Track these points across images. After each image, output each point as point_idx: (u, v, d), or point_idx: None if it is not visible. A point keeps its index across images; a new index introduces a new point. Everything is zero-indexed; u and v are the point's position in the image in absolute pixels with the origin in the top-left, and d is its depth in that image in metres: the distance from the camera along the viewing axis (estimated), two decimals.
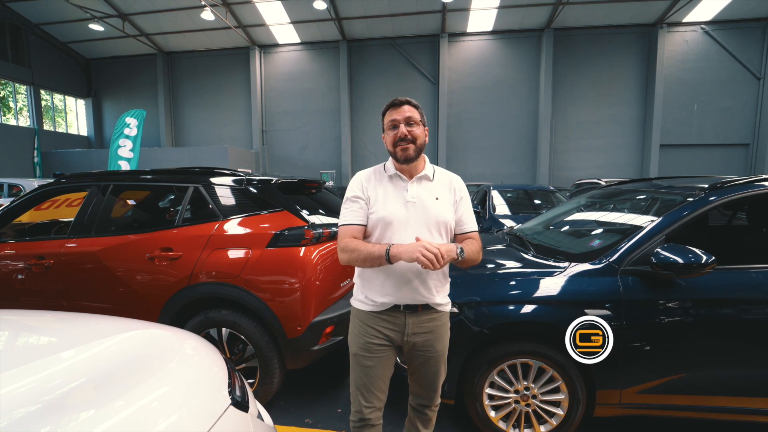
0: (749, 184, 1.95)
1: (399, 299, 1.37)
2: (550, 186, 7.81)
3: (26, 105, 16.11)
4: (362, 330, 1.43)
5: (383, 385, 1.45)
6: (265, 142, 17.28)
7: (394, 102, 1.38)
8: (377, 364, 1.42)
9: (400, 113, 1.36)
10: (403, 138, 1.35)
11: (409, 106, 1.37)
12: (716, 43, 14.45)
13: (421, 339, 1.42)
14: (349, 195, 1.43)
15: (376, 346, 1.41)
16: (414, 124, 1.37)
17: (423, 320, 1.41)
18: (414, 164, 1.40)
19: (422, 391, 1.53)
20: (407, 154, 1.36)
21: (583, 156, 15.52)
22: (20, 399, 0.83)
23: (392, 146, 1.38)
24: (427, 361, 1.46)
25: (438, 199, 1.40)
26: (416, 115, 1.37)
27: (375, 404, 1.44)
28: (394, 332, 1.40)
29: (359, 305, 1.45)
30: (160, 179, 2.64)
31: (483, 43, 15.64)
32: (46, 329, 1.34)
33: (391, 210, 1.36)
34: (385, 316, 1.40)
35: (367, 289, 1.42)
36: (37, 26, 15.70)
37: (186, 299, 2.28)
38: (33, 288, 2.51)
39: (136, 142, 8.94)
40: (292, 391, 2.59)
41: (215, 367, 1.21)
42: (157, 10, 14.63)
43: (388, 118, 1.39)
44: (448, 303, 1.49)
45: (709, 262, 1.67)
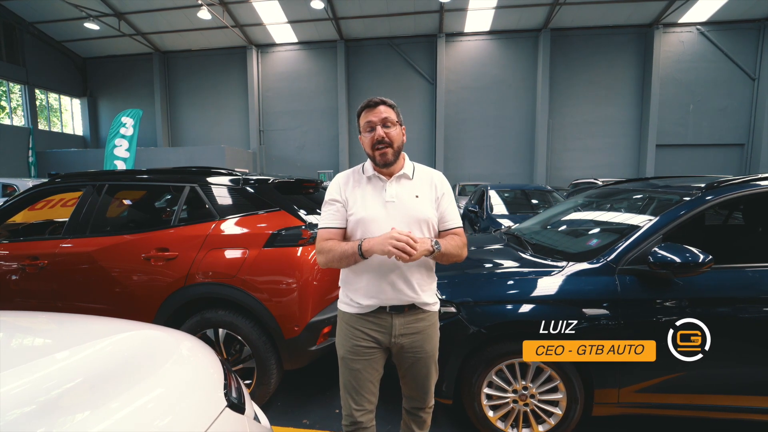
0: (745, 183, 1.96)
1: (383, 300, 1.35)
2: (547, 186, 7.83)
3: (21, 104, 15.98)
4: (349, 333, 1.41)
5: (373, 387, 1.43)
6: (262, 142, 17.23)
7: (369, 103, 1.35)
8: (365, 367, 1.40)
9: (376, 114, 1.33)
10: (380, 141, 1.32)
11: (384, 107, 1.34)
12: (712, 44, 14.56)
13: (409, 340, 1.39)
14: (326, 198, 1.42)
15: (363, 348, 1.39)
16: (391, 125, 1.33)
17: (410, 321, 1.39)
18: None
19: (414, 393, 1.51)
20: (386, 159, 1.33)
21: (579, 156, 15.59)
22: (15, 400, 0.82)
23: (371, 149, 1.35)
24: (416, 363, 1.43)
25: (418, 196, 1.37)
26: (393, 116, 1.34)
27: (365, 407, 1.42)
28: (381, 334, 1.38)
29: (345, 308, 1.43)
30: (156, 179, 2.62)
31: (480, 43, 15.67)
32: (40, 330, 1.33)
33: (369, 211, 1.34)
34: (371, 318, 1.38)
35: (351, 291, 1.40)
36: (32, 25, 15.59)
37: (182, 300, 2.26)
38: (27, 289, 2.49)
39: (133, 142, 8.89)
40: (290, 391, 2.57)
41: (211, 369, 1.19)
42: (154, 9, 14.55)
43: (364, 120, 1.35)
44: (435, 302, 1.45)
45: (707, 261, 1.68)
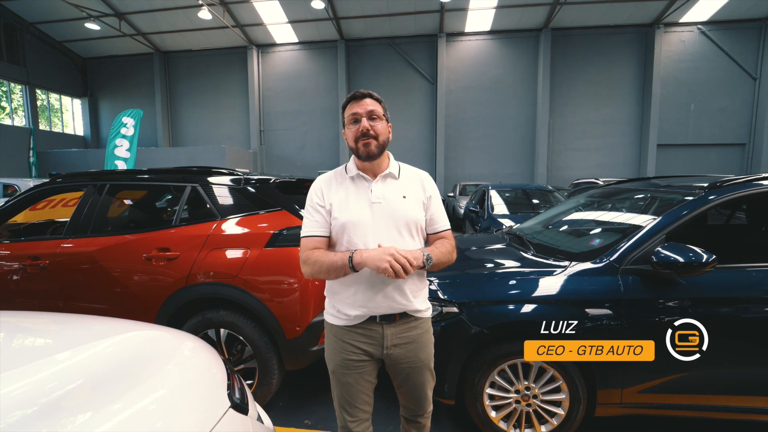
0: (748, 183, 1.95)
1: (373, 310, 1.27)
2: (548, 186, 7.82)
3: (21, 104, 15.98)
4: (338, 346, 1.33)
5: (367, 398, 1.37)
6: (262, 142, 17.22)
7: (356, 95, 1.29)
8: (357, 380, 1.33)
9: (362, 106, 1.27)
10: (365, 133, 1.25)
11: (371, 99, 1.29)
12: (713, 44, 14.52)
13: (403, 350, 1.32)
14: (308, 203, 1.34)
15: (354, 362, 1.31)
16: (377, 119, 1.28)
17: (402, 330, 1.31)
18: (377, 162, 1.31)
19: (412, 403, 1.45)
20: (369, 150, 1.26)
21: (580, 156, 15.56)
22: (16, 402, 0.82)
23: (354, 142, 1.28)
24: (411, 373, 1.36)
25: (405, 197, 1.31)
26: (379, 110, 1.29)
27: (360, 416, 1.36)
28: (372, 346, 1.30)
29: (332, 320, 1.35)
30: (157, 179, 2.61)
31: (481, 43, 15.65)
32: (41, 331, 1.32)
33: (354, 213, 1.27)
34: (360, 329, 1.30)
35: (337, 302, 1.32)
36: (33, 25, 15.59)
37: (183, 300, 2.25)
38: (28, 289, 2.49)
39: (133, 142, 8.89)
40: (291, 392, 2.57)
41: (214, 369, 1.19)
42: (154, 9, 14.55)
43: (349, 112, 1.29)
44: (428, 308, 1.39)
45: (710, 261, 1.67)
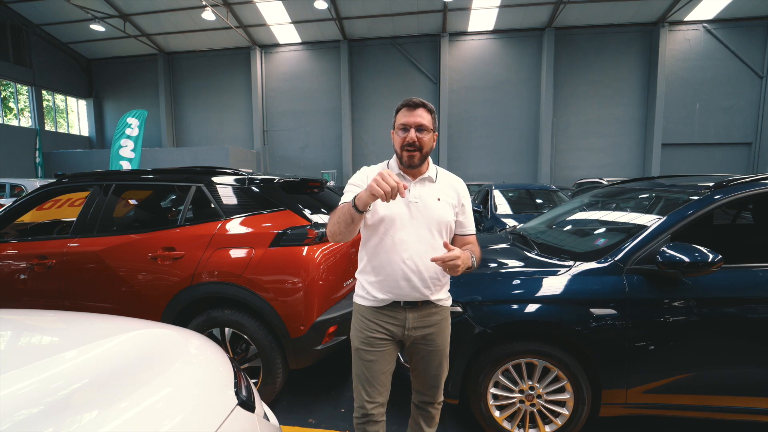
0: (754, 182, 1.93)
1: (398, 296, 1.40)
2: (551, 185, 7.79)
3: (28, 105, 16.12)
4: (363, 325, 1.45)
5: (385, 380, 1.47)
6: (266, 142, 17.27)
7: (409, 103, 1.36)
8: (379, 359, 1.44)
9: (413, 117, 1.35)
10: (411, 144, 1.35)
11: (423, 110, 1.36)
12: (718, 42, 14.40)
13: (422, 333, 1.45)
14: (349, 182, 1.44)
15: (377, 340, 1.43)
16: (424, 131, 1.35)
17: (423, 315, 1.44)
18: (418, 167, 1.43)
19: (425, 387, 1.54)
20: (412, 161, 1.37)
21: (584, 155, 15.48)
22: (23, 400, 0.82)
23: (400, 148, 1.38)
24: (428, 355, 1.48)
25: (440, 200, 1.42)
26: (428, 122, 1.36)
27: (377, 399, 1.45)
28: (395, 327, 1.43)
29: (360, 300, 1.48)
30: (162, 179, 2.63)
31: (484, 42, 15.61)
32: (48, 329, 1.33)
33: (393, 209, 1.36)
34: (386, 311, 1.43)
35: (368, 284, 1.45)
36: (39, 27, 15.71)
37: (189, 299, 2.27)
38: (35, 288, 2.51)
39: (138, 143, 8.96)
40: (295, 391, 2.58)
41: (221, 367, 1.20)
42: (158, 10, 14.62)
43: (401, 120, 1.37)
44: (448, 298, 1.51)
45: (716, 261, 1.66)
